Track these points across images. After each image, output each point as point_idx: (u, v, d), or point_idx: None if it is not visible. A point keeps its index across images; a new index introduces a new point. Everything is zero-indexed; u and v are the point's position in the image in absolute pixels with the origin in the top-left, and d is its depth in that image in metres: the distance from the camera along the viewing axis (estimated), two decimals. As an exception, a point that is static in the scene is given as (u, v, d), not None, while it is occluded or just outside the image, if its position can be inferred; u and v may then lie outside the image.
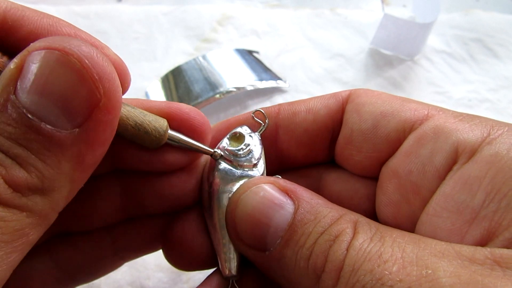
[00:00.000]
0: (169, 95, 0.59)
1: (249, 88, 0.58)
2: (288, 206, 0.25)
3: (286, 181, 0.27)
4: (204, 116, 0.29)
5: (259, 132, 0.30)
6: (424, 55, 0.65)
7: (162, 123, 0.26)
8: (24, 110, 0.19)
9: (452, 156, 0.25)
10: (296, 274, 0.24)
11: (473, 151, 0.24)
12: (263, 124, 0.31)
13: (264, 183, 0.26)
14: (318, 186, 0.32)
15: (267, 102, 0.60)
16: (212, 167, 0.29)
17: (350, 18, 0.70)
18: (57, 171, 0.20)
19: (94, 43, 0.25)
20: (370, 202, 0.30)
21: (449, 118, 0.26)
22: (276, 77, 0.61)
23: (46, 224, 0.21)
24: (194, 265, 0.30)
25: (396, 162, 0.28)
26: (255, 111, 0.31)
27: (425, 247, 0.22)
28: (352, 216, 0.25)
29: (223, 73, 0.59)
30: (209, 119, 0.29)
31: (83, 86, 0.20)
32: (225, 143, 0.30)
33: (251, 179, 0.28)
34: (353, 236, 0.23)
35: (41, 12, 0.25)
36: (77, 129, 0.20)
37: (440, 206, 0.25)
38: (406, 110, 0.28)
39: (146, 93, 0.60)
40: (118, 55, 0.26)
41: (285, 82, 0.61)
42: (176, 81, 0.59)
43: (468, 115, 0.27)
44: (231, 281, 0.28)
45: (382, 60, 0.64)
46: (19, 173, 0.19)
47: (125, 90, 0.26)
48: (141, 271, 0.43)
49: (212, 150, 0.29)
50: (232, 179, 0.28)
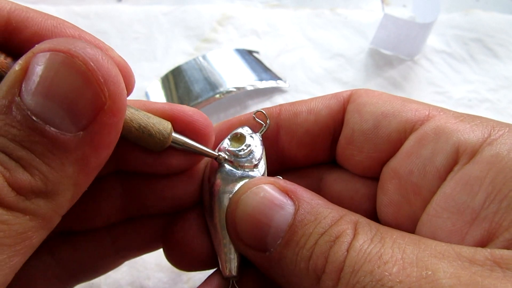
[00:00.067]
0: (169, 95, 0.59)
1: (249, 88, 0.58)
2: (288, 206, 0.25)
3: (287, 181, 0.27)
4: (207, 118, 0.28)
5: (261, 132, 0.30)
6: (424, 55, 0.65)
7: (166, 126, 0.26)
8: (29, 112, 0.19)
9: (453, 156, 0.25)
10: (296, 275, 0.24)
11: (474, 152, 0.24)
12: (264, 125, 0.31)
13: (264, 184, 0.26)
14: (319, 186, 0.32)
15: (267, 102, 0.59)
16: (213, 168, 0.29)
17: (350, 18, 0.70)
18: (61, 174, 0.20)
19: (98, 45, 0.25)
20: (371, 202, 0.30)
21: (450, 119, 0.26)
22: (276, 77, 0.61)
23: (49, 227, 0.21)
24: (195, 265, 0.30)
25: (397, 163, 0.28)
26: (257, 112, 0.31)
27: (425, 248, 0.22)
28: (352, 217, 0.25)
29: (223, 73, 0.59)
30: (209, 119, 0.29)
31: (88, 89, 0.20)
32: (226, 143, 0.30)
33: (252, 179, 0.28)
34: (354, 237, 0.23)
35: (45, 14, 0.24)
36: (81, 132, 0.20)
37: (441, 207, 0.25)
38: (407, 110, 0.28)
39: (146, 93, 0.60)
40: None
41: (285, 82, 0.61)
42: (176, 81, 0.59)
43: (469, 115, 0.27)
44: (231, 281, 0.28)
45: (382, 60, 0.64)
46: (22, 176, 0.19)
47: (129, 92, 0.26)
48: (141, 271, 0.43)
49: (217, 154, 0.28)
50: (232, 179, 0.28)
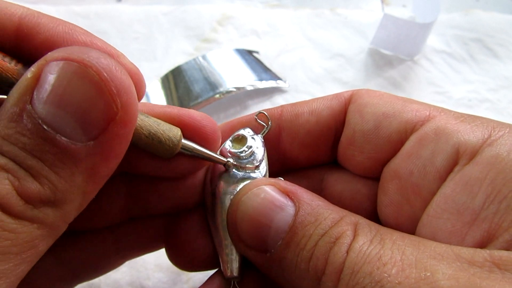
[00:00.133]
0: (169, 95, 0.59)
1: (249, 88, 0.58)
2: (289, 207, 0.25)
3: (287, 182, 0.27)
4: (215, 123, 0.28)
5: (262, 134, 0.30)
6: (424, 55, 0.65)
7: (176, 133, 0.26)
8: (40, 121, 0.19)
9: (453, 157, 0.25)
10: (296, 276, 0.24)
11: (474, 153, 0.24)
12: (266, 126, 0.31)
13: (265, 185, 0.26)
14: (320, 186, 0.32)
15: (267, 102, 0.59)
16: (216, 170, 0.29)
17: (350, 18, 0.70)
18: (70, 183, 0.20)
19: (110, 52, 0.25)
20: (372, 202, 0.30)
21: (450, 119, 0.26)
22: (276, 77, 0.61)
23: (55, 235, 0.21)
24: (196, 265, 0.30)
25: (397, 163, 0.28)
26: (258, 113, 0.31)
27: (425, 250, 0.22)
28: (352, 218, 0.25)
29: (223, 73, 0.59)
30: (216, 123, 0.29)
31: (101, 99, 0.20)
32: (227, 145, 0.30)
33: (253, 180, 0.28)
34: (353, 238, 0.23)
35: (56, 19, 0.24)
36: (92, 142, 0.20)
37: (441, 208, 0.25)
38: (407, 111, 0.28)
39: (146, 93, 0.60)
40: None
41: (285, 82, 0.61)
42: (176, 81, 0.59)
43: (469, 116, 0.27)
44: (232, 282, 0.28)
45: (382, 60, 0.64)
46: (31, 185, 0.19)
47: (140, 98, 0.25)
48: (141, 271, 0.43)
49: (225, 160, 0.28)
50: (234, 181, 0.28)
